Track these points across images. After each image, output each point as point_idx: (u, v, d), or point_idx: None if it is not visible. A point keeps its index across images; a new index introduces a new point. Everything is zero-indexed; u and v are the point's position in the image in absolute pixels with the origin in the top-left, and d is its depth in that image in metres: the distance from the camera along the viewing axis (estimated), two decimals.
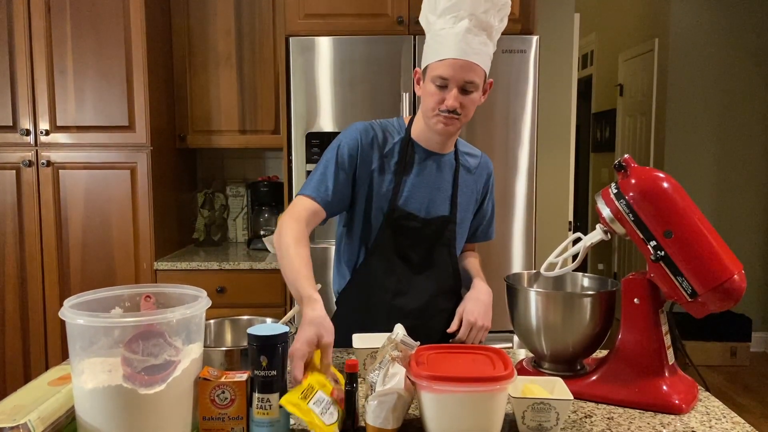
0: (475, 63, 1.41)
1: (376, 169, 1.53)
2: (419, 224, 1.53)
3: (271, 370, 1.04)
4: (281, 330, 1.06)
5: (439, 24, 1.44)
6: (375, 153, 1.54)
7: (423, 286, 1.56)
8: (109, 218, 2.75)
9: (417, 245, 1.55)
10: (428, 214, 1.55)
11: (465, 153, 1.63)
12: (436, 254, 1.56)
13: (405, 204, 1.53)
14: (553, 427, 1.06)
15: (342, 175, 1.52)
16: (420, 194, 1.55)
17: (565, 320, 1.25)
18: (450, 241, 1.57)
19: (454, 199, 1.57)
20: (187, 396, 1.04)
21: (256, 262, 2.77)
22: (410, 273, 1.56)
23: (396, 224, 1.53)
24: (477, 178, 1.64)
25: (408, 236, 1.54)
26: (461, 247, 1.65)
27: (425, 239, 1.55)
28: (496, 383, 1.01)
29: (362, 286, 1.59)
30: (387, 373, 1.04)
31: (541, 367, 1.33)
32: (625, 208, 1.19)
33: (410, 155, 1.55)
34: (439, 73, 1.41)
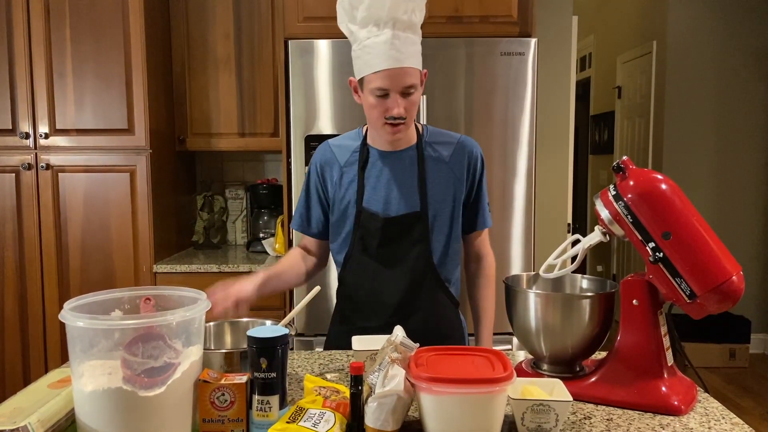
0: (409, 67, 1.44)
1: (337, 182, 1.61)
2: (380, 223, 1.56)
3: (270, 372, 1.04)
4: (281, 332, 1.07)
5: (363, 34, 1.45)
6: (334, 168, 1.62)
7: (398, 284, 1.58)
8: (108, 221, 2.75)
9: (384, 244, 1.57)
10: (390, 212, 1.57)
11: (433, 143, 1.61)
12: (409, 251, 1.57)
13: (368, 205, 1.58)
14: (553, 428, 1.06)
15: (314, 202, 1.66)
16: (380, 194, 1.58)
17: (564, 322, 1.25)
18: (423, 236, 1.56)
19: (422, 195, 1.57)
20: (187, 398, 1.04)
21: (255, 265, 2.77)
22: (383, 270, 1.58)
23: (363, 225, 1.58)
24: (453, 166, 1.60)
25: (374, 236, 1.57)
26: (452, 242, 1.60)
27: (392, 237, 1.57)
28: (496, 385, 1.01)
29: (347, 284, 1.65)
30: (387, 375, 1.04)
31: (540, 368, 1.34)
32: (623, 210, 1.19)
33: (366, 159, 1.60)
34: (377, 85, 1.44)
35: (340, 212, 1.61)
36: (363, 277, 1.60)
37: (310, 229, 1.67)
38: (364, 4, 1.42)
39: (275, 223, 3.13)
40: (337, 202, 1.61)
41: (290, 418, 1.04)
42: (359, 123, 2.55)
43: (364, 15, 1.43)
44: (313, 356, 1.51)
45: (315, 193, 1.65)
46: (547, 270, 1.34)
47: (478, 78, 2.54)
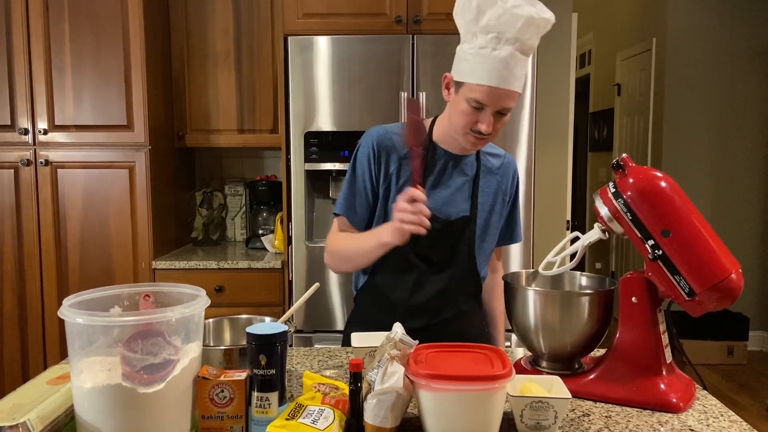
0: (514, 90, 1.39)
1: (394, 172, 1.55)
2: (440, 225, 1.51)
3: (270, 369, 1.04)
4: (280, 329, 1.07)
5: (481, 40, 1.37)
6: (393, 157, 1.55)
7: (440, 286, 1.55)
8: (107, 217, 2.75)
9: (437, 245, 1.54)
10: (449, 215, 1.54)
11: (487, 153, 1.61)
12: (456, 254, 1.55)
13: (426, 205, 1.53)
14: (551, 425, 1.06)
15: (362, 188, 1.56)
16: (441, 195, 1.54)
17: (563, 319, 1.25)
18: (470, 240, 1.55)
19: (474, 200, 1.56)
20: (186, 395, 1.04)
21: (254, 261, 2.77)
22: (429, 272, 1.55)
23: None
24: (501, 179, 1.61)
25: (428, 237, 1.51)
26: (487, 249, 1.61)
27: (446, 240, 1.54)
28: (495, 382, 1.01)
29: (381, 284, 1.59)
30: (386, 372, 1.04)
31: (539, 365, 1.34)
32: (623, 207, 1.19)
33: (431, 157, 1.55)
34: (478, 97, 1.38)
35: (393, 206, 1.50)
36: (405, 276, 1.55)
37: (355, 216, 1.57)
38: (494, 14, 1.34)
39: (274, 219, 3.13)
40: (391, 195, 1.54)
41: (289, 415, 1.04)
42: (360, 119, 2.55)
43: (491, 24, 1.34)
44: (312, 353, 1.51)
45: (365, 178, 1.55)
46: (546, 267, 1.34)
47: None
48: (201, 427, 1.05)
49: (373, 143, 1.55)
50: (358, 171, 1.56)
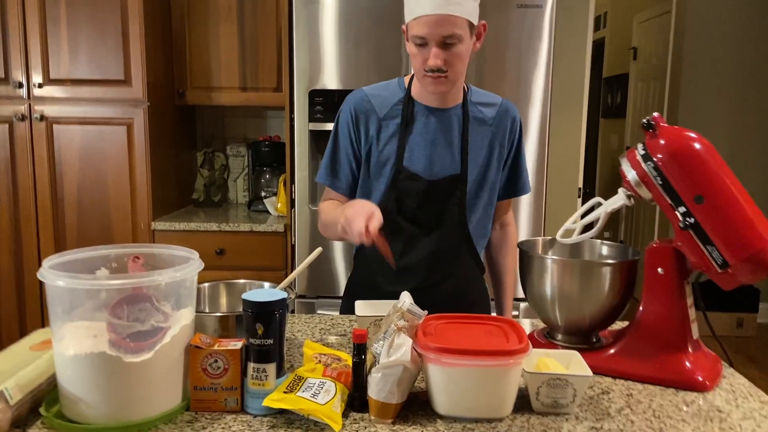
0: (453, 15, 1.30)
1: (374, 135, 1.48)
2: (424, 185, 1.45)
3: (267, 338, 0.96)
4: (279, 296, 0.99)
5: None
6: (372, 119, 1.49)
7: (431, 248, 1.49)
8: (105, 176, 2.66)
9: (424, 206, 1.47)
10: (434, 173, 1.46)
11: (478, 103, 1.51)
12: (445, 215, 1.48)
13: (410, 164, 1.46)
14: (570, 404, 0.99)
15: (344, 154, 1.52)
16: (424, 153, 1.46)
17: (583, 290, 1.17)
18: (460, 200, 1.47)
19: (464, 156, 1.47)
20: (177, 364, 0.96)
21: (256, 224, 2.69)
22: (418, 234, 1.48)
23: (401, 186, 1.46)
24: (496, 129, 1.51)
25: (414, 198, 1.46)
26: (483, 207, 1.53)
27: (433, 200, 1.47)
28: (510, 357, 0.93)
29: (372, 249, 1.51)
30: (392, 344, 0.96)
31: (554, 338, 1.26)
32: (652, 171, 1.10)
33: (411, 114, 1.47)
34: (416, 32, 1.33)
35: (374, 169, 1.49)
36: (394, 240, 1.49)
37: (338, 182, 1.53)
38: None
39: (277, 181, 3.03)
40: (372, 158, 1.49)
41: (288, 388, 0.97)
42: (367, 77, 2.44)
43: None
44: (314, 320, 1.44)
45: (346, 144, 1.50)
46: (564, 235, 1.25)
47: (492, 30, 2.41)
48: (193, 398, 0.98)
49: (351, 109, 1.50)
50: (339, 137, 1.52)
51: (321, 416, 0.92)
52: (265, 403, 0.93)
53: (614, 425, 0.96)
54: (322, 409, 0.93)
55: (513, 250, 1.68)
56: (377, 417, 0.95)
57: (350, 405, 1.00)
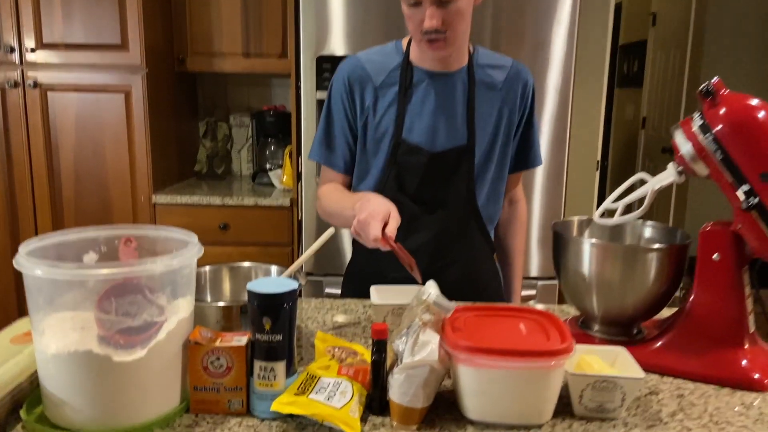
0: None
1: (370, 105, 1.35)
2: (426, 158, 1.32)
3: (276, 334, 0.85)
4: (289, 286, 0.87)
5: None
6: (367, 88, 1.35)
7: (436, 228, 1.36)
8: (102, 146, 2.54)
9: (427, 182, 1.34)
10: (437, 145, 1.33)
11: (486, 66, 1.37)
12: (452, 191, 1.35)
13: (409, 136, 1.33)
14: (617, 408, 0.87)
15: (340, 127, 1.38)
16: (425, 123, 1.33)
17: (626, 278, 1.05)
18: (468, 173, 1.34)
19: (471, 125, 1.34)
20: (173, 363, 0.85)
21: (261, 198, 2.57)
22: (421, 213, 1.36)
23: (401, 161, 1.34)
24: (506, 94, 1.37)
25: (415, 173, 1.33)
26: (492, 180, 1.40)
27: (436, 175, 1.34)
28: (552, 358, 0.82)
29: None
30: (417, 341, 0.85)
31: (589, 329, 1.15)
32: (711, 145, 0.97)
33: (410, 80, 1.34)
34: None
35: (371, 143, 1.36)
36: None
37: (335, 159, 1.40)
38: None
39: (283, 153, 2.90)
40: (369, 131, 1.36)
41: (299, 389, 0.86)
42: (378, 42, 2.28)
43: None
44: (324, 305, 1.32)
45: (341, 117, 1.37)
46: (604, 215, 1.13)
47: None
48: (193, 399, 0.87)
49: (344, 78, 1.36)
50: (333, 110, 1.39)
51: (337, 422, 0.81)
52: (274, 407, 0.82)
53: None
54: (338, 414, 0.82)
55: (522, 229, 1.56)
56: (400, 423, 0.84)
57: (368, 407, 0.89)
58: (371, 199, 1.16)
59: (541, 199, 2.38)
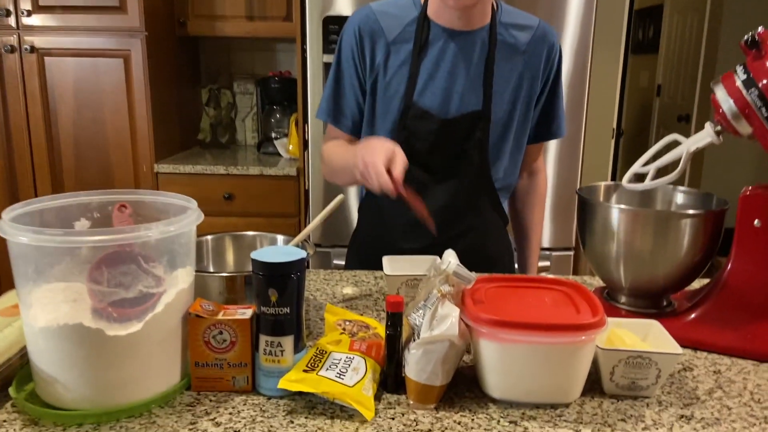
0: None
1: (381, 63, 1.25)
2: (437, 125, 1.23)
3: (282, 306, 0.78)
4: (296, 255, 0.80)
5: None
6: (379, 43, 1.25)
7: (444, 199, 1.28)
8: (102, 113, 2.46)
9: (438, 150, 1.26)
10: (450, 111, 1.24)
11: (509, 25, 1.27)
12: (464, 160, 1.27)
13: (421, 99, 1.24)
14: (651, 386, 0.81)
15: (349, 84, 1.29)
16: (439, 86, 1.24)
17: (658, 246, 0.97)
18: (482, 142, 1.26)
19: (488, 89, 1.24)
20: (173, 337, 0.79)
21: (267, 167, 2.49)
22: (430, 182, 1.28)
23: (411, 126, 1.25)
24: (530, 58, 1.27)
25: (425, 139, 1.25)
26: (509, 151, 1.31)
27: (449, 142, 1.26)
28: (582, 332, 0.75)
29: (380, 198, 1.31)
30: (435, 314, 0.78)
31: (616, 300, 1.08)
32: (756, 101, 0.89)
33: (426, 37, 1.24)
34: None
35: (381, 104, 1.27)
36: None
37: (342, 118, 1.31)
38: None
39: (288, 121, 2.82)
40: (378, 91, 1.26)
41: (309, 365, 0.80)
42: None
43: None
44: (333, 277, 1.26)
45: (351, 73, 1.28)
46: (633, 180, 1.05)
47: None
48: (194, 376, 0.81)
49: (355, 30, 1.26)
50: (343, 64, 1.30)
51: (349, 401, 0.75)
52: (282, 384, 0.76)
53: (707, 412, 0.79)
54: (350, 393, 0.76)
55: (541, 203, 1.48)
56: (417, 401, 0.78)
57: (383, 384, 0.83)
58: (371, 140, 1.10)
59: (556, 167, 2.29)
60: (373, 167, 1.02)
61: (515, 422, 0.76)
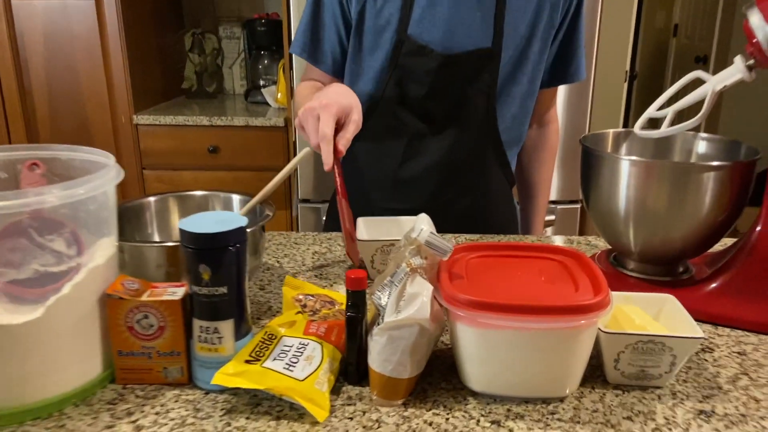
0: None
1: None
2: (436, 63, 1.06)
3: (218, 286, 0.65)
4: (234, 223, 0.66)
5: None
6: None
7: (442, 153, 1.12)
8: (74, 61, 2.29)
9: (436, 94, 1.09)
10: (452, 46, 1.07)
11: None
12: (466, 106, 1.10)
13: (417, 33, 1.07)
14: (664, 374, 0.67)
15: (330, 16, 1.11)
16: (440, 16, 1.06)
17: (675, 204, 0.82)
18: (489, 85, 1.09)
19: (499, 23, 1.07)
20: (88, 322, 0.66)
21: (253, 118, 2.33)
22: (425, 133, 1.12)
23: (405, 64, 1.08)
24: None
25: (422, 81, 1.08)
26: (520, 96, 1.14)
27: (448, 85, 1.09)
28: (582, 315, 0.61)
29: (362, 152, 1.16)
30: (403, 293, 0.64)
31: (623, 266, 0.93)
32: None
33: None
34: None
35: (368, 37, 1.10)
36: (393, 139, 1.13)
37: (320, 55, 1.14)
38: None
39: (277, 68, 2.64)
40: (366, 21, 1.09)
41: (253, 355, 0.67)
42: None
43: None
44: (306, 240, 1.12)
45: (332, 1, 1.11)
46: (647, 126, 0.89)
47: None
48: (118, 367, 0.68)
49: None
50: None
51: (298, 398, 0.62)
52: (216, 380, 0.63)
53: (730, 406, 0.65)
54: (299, 388, 0.63)
55: (552, 158, 1.32)
56: (381, 397, 0.65)
57: (344, 373, 0.70)
58: (332, 87, 0.93)
59: (563, 113, 2.12)
60: (312, 115, 0.86)
61: (498, 422, 0.63)
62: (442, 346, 0.76)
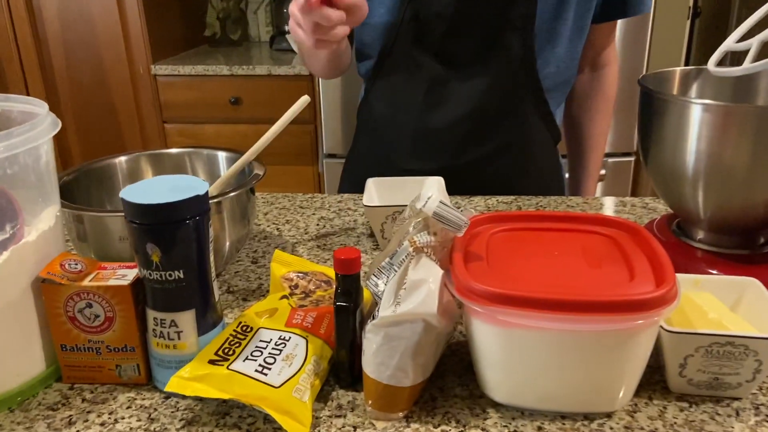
0: None
1: None
2: None
3: (171, 270, 0.52)
4: (192, 189, 0.52)
5: None
6: None
7: (472, 102, 0.95)
8: (89, 8, 2.17)
9: (460, 32, 0.92)
10: None
11: None
12: (499, 47, 0.92)
13: None
14: (744, 384, 0.52)
15: None
16: None
17: (759, 159, 0.65)
18: (525, 22, 0.91)
19: None
20: (19, 311, 0.54)
21: (276, 66, 2.18)
22: (449, 79, 0.95)
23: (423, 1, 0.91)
24: None
25: (443, 17, 0.91)
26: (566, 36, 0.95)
27: (475, 20, 0.91)
28: (639, 313, 0.46)
29: (378, 99, 1.00)
30: (404, 280, 0.50)
31: (690, 237, 0.77)
32: None
33: None
34: None
35: None
36: (412, 85, 0.97)
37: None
38: None
39: None
40: None
41: (220, 353, 0.54)
42: None
43: None
44: (313, 203, 0.98)
45: None
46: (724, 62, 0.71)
47: None
48: (63, 364, 0.57)
49: None
50: None
51: (271, 410, 0.49)
52: (170, 386, 0.51)
53: None
54: (273, 398, 0.50)
55: (608, 107, 1.13)
56: (377, 409, 0.52)
57: (335, 374, 0.57)
58: None
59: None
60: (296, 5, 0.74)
61: None
62: (460, 337, 0.62)
